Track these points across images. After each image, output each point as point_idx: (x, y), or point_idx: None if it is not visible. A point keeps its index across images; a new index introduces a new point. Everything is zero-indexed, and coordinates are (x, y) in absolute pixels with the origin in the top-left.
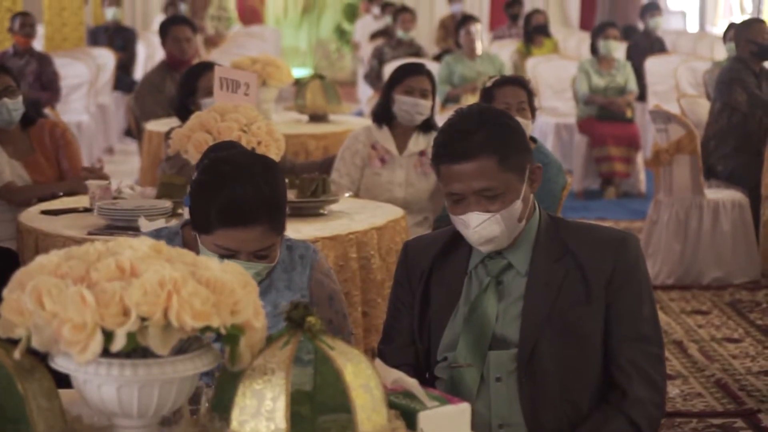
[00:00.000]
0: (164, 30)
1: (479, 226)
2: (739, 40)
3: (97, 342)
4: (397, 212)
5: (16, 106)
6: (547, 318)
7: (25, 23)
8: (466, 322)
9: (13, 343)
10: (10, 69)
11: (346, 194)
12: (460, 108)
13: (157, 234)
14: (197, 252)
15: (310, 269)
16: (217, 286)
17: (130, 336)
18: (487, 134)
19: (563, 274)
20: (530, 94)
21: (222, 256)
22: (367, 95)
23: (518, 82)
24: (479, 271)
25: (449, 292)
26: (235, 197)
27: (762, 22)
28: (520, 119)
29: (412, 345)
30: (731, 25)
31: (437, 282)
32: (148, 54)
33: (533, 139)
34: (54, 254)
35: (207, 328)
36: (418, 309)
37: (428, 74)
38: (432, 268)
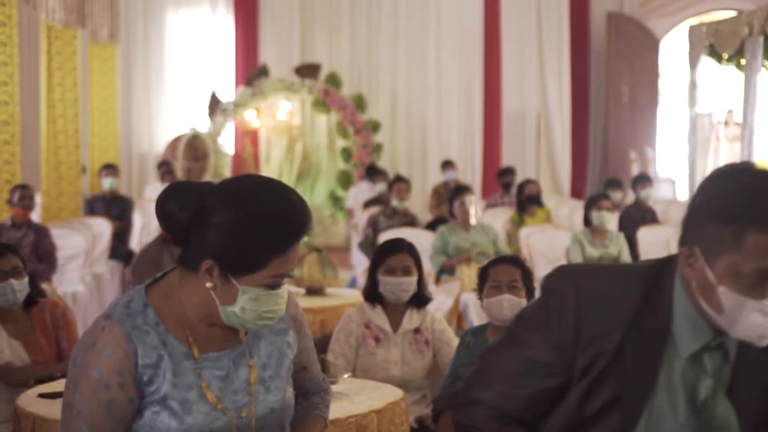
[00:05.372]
0: None
1: None
2: None
3: None
4: (396, 393)
5: (21, 287)
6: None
7: (24, 195)
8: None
9: None
10: (18, 250)
11: (345, 375)
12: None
13: (127, 311)
14: (168, 314)
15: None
16: None
17: None
18: None
19: None
20: (525, 273)
21: (270, 287)
22: (362, 265)
23: (511, 261)
24: (691, 363)
25: (639, 383)
26: (301, 209)
27: None
28: (512, 297)
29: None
30: None
31: (623, 364)
32: (144, 223)
33: None
34: None
35: None
36: (581, 393)
37: (409, 249)
38: (622, 342)
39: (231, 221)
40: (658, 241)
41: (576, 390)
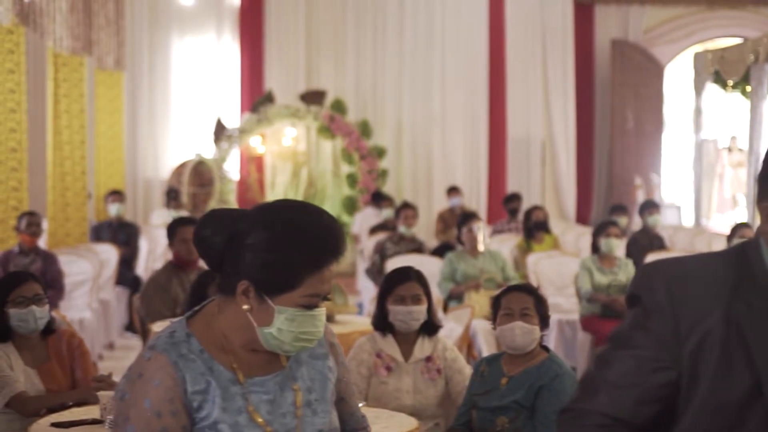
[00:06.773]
0: (172, 230)
1: None
2: None
3: None
4: (410, 423)
5: (42, 314)
6: None
7: (31, 222)
8: None
9: None
10: (40, 278)
11: (359, 404)
12: None
13: (171, 340)
14: (211, 342)
15: (323, 333)
16: None
17: None
18: None
19: None
20: (539, 301)
21: (306, 307)
22: (368, 290)
23: (523, 289)
24: None
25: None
26: (335, 229)
27: None
28: (524, 324)
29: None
30: (737, 226)
31: (747, 348)
32: (150, 248)
33: (545, 348)
34: None
35: None
36: (714, 385)
37: (417, 277)
38: (736, 323)
39: (264, 241)
40: None
41: (705, 385)
